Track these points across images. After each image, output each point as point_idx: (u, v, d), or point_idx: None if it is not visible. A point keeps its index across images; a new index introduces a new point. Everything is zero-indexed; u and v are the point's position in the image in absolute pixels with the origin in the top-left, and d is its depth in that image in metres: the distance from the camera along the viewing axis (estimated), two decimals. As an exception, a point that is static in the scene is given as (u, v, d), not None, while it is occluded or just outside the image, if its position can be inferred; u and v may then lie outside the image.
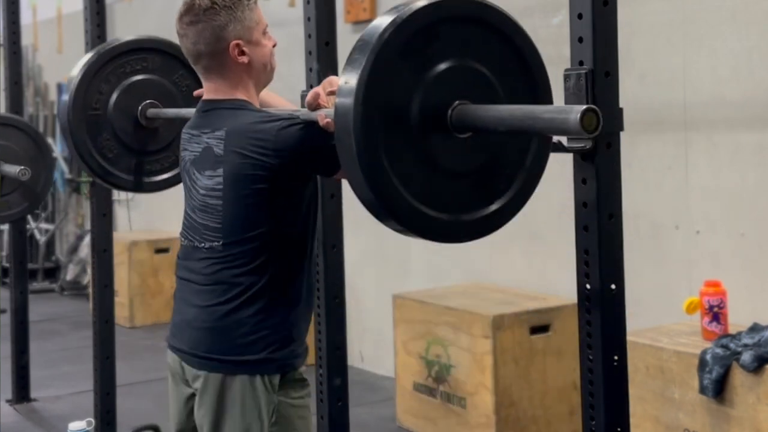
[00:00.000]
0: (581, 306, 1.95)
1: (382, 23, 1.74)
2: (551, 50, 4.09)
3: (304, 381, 2.24)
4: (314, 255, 2.24)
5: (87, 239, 7.43)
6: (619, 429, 1.92)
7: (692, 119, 3.73)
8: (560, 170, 2.26)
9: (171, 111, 3.14)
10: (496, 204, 1.88)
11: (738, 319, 3.37)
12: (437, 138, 1.78)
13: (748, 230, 3.57)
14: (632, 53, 3.80)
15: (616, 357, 1.92)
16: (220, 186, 2.10)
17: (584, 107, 1.57)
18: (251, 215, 2.09)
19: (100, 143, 3.16)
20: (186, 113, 2.92)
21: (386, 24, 1.73)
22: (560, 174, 2.26)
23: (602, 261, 1.91)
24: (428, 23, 1.76)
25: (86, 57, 3.23)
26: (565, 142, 1.94)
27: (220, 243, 2.12)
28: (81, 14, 4.09)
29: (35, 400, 4.93)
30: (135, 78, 3.21)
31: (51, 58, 8.50)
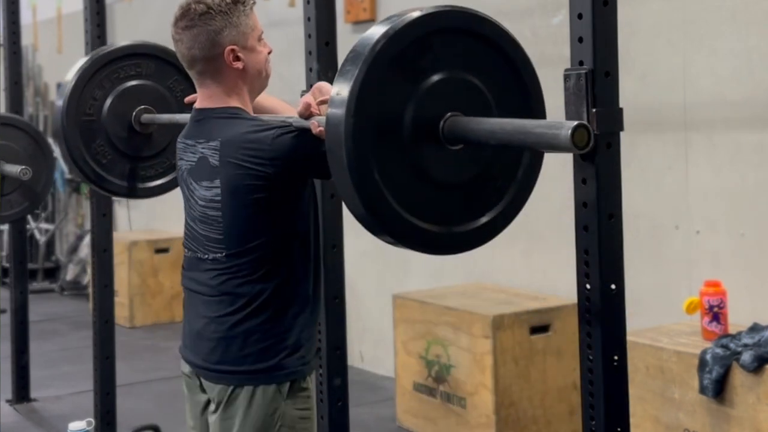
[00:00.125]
0: (581, 306, 1.95)
1: (375, 34, 1.73)
2: (551, 50, 4.11)
3: (307, 390, 2.22)
4: (320, 258, 2.24)
5: (87, 239, 7.43)
6: (619, 429, 1.93)
7: (692, 119, 3.73)
8: (560, 170, 2.26)
9: (165, 117, 3.13)
10: (488, 216, 1.88)
11: (738, 319, 3.37)
12: (429, 150, 1.78)
13: (748, 230, 3.57)
14: (632, 53, 3.80)
15: (616, 357, 1.92)
16: (219, 197, 2.10)
17: (575, 123, 1.58)
18: (252, 225, 2.08)
19: (94, 149, 3.15)
20: (180, 119, 2.91)
21: (379, 35, 1.72)
22: (560, 174, 2.26)
23: (602, 261, 1.91)
24: (421, 35, 1.76)
25: (80, 62, 3.21)
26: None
27: (224, 254, 2.12)
28: (81, 14, 4.09)
29: (35, 400, 4.93)
30: (129, 83, 3.19)
31: (51, 58, 8.50)
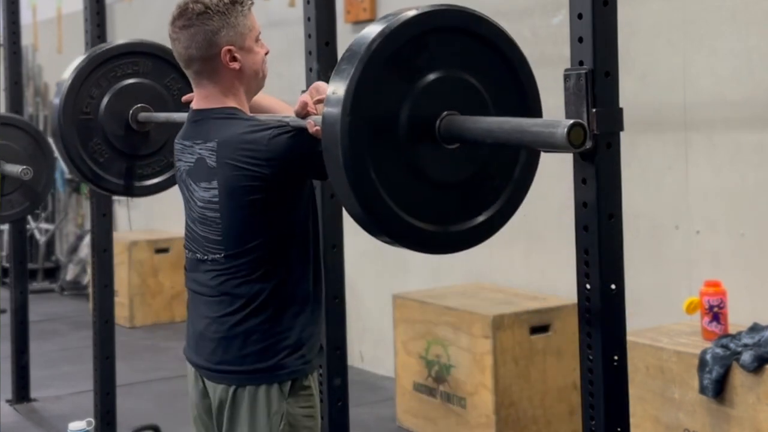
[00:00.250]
0: (581, 306, 1.95)
1: (371, 33, 1.73)
2: (551, 50, 4.11)
3: (309, 389, 2.22)
4: (320, 258, 2.24)
5: (87, 239, 7.43)
6: (619, 429, 1.93)
7: (692, 119, 3.73)
8: (560, 170, 2.26)
9: (162, 115, 3.13)
10: (484, 215, 1.88)
11: (738, 319, 3.37)
12: (425, 148, 1.78)
13: (748, 230, 3.57)
14: (632, 53, 3.80)
15: (616, 357, 1.92)
16: (216, 198, 2.10)
17: (571, 122, 1.57)
18: (250, 226, 2.09)
19: (92, 148, 3.14)
20: (177, 117, 2.91)
21: (375, 34, 1.72)
22: (560, 174, 2.26)
23: (602, 261, 1.91)
24: (417, 34, 1.75)
25: (76, 61, 3.20)
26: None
27: (222, 255, 2.12)
28: (81, 14, 4.09)
29: (35, 400, 4.93)
30: (126, 82, 3.18)
31: (51, 58, 8.50)
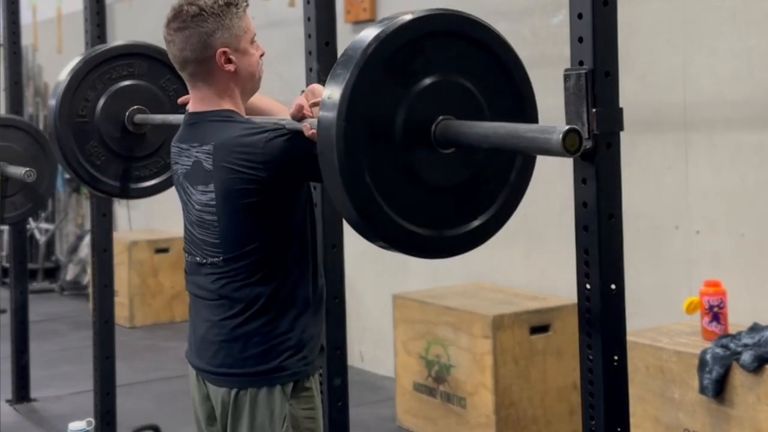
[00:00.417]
0: (581, 306, 1.95)
1: (366, 37, 1.73)
2: (551, 50, 4.11)
3: (310, 390, 2.22)
4: (319, 259, 2.23)
5: (87, 239, 7.43)
6: (619, 429, 1.93)
7: (692, 119, 3.73)
8: (560, 170, 2.26)
9: (158, 117, 3.13)
10: (480, 219, 1.88)
11: (738, 319, 3.37)
12: (421, 153, 1.78)
13: (748, 230, 3.57)
14: (632, 53, 3.80)
15: (616, 357, 1.92)
16: (214, 202, 2.10)
17: (567, 128, 1.57)
18: (247, 229, 2.09)
19: (88, 150, 3.14)
20: (174, 119, 2.91)
21: (370, 38, 1.72)
22: (560, 174, 2.26)
23: (602, 261, 1.91)
24: (413, 38, 1.75)
25: (72, 63, 3.20)
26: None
27: (221, 258, 2.12)
28: (81, 14, 4.09)
29: (35, 400, 4.93)
30: (121, 84, 3.18)
31: (51, 58, 8.49)
